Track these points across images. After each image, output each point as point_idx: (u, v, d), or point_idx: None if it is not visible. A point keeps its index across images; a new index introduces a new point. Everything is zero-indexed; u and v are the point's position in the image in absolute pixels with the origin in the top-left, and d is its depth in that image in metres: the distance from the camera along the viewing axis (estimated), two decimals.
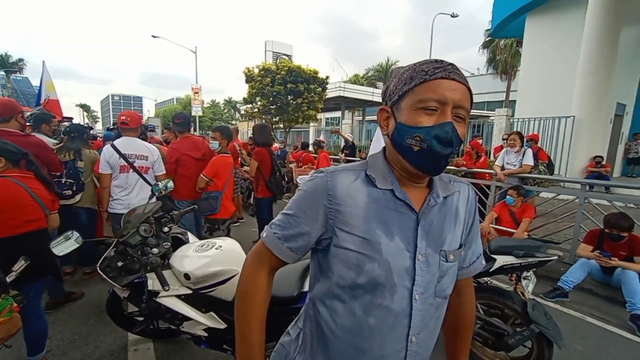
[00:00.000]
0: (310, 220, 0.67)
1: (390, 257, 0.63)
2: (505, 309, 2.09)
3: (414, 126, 0.61)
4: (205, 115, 38.09)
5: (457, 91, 0.60)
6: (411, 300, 0.65)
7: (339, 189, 0.65)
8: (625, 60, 8.94)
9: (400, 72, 0.67)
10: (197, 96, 18.52)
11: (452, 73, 0.60)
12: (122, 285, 1.68)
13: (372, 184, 0.66)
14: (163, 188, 2.30)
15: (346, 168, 0.70)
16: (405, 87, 0.62)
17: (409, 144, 0.62)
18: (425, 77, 0.60)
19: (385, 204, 0.65)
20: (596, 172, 7.75)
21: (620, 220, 2.87)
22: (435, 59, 0.64)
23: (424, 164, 0.62)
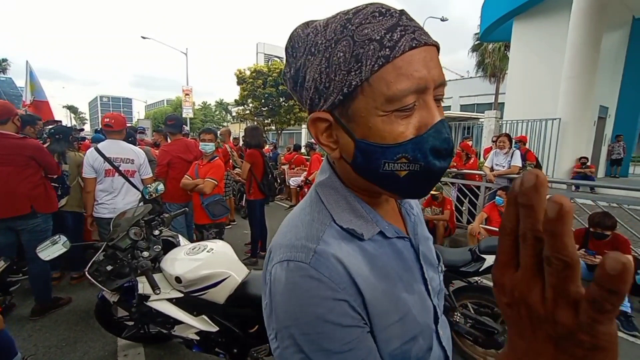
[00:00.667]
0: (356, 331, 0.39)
1: (424, 317, 0.47)
2: (495, 307, 2.13)
3: (392, 144, 0.38)
4: (197, 117, 37.76)
5: (434, 62, 0.38)
6: (440, 341, 0.51)
7: (340, 272, 0.40)
8: (607, 64, 9.24)
9: (322, 43, 0.39)
10: (188, 98, 18.36)
11: (417, 32, 0.38)
12: (111, 289, 1.66)
13: (357, 239, 0.44)
14: (153, 191, 2.28)
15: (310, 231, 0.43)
16: (352, 79, 0.38)
17: (390, 170, 0.39)
18: (385, 54, 0.36)
19: (383, 253, 0.45)
20: (581, 172, 7.96)
21: (604, 219, 2.96)
22: (374, 8, 0.38)
23: (416, 190, 0.42)
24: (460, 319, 2.18)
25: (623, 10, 9.80)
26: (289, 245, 0.42)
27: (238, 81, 15.25)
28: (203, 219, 3.05)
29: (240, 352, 1.68)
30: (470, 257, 2.13)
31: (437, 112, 0.39)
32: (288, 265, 0.40)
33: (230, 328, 1.65)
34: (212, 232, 3.07)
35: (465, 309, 2.21)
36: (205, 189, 2.90)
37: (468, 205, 4.88)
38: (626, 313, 2.66)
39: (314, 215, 0.45)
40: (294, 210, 0.51)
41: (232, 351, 1.70)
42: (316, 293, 0.38)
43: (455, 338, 2.24)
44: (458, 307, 2.19)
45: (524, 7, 9.70)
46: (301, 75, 0.42)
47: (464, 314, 2.18)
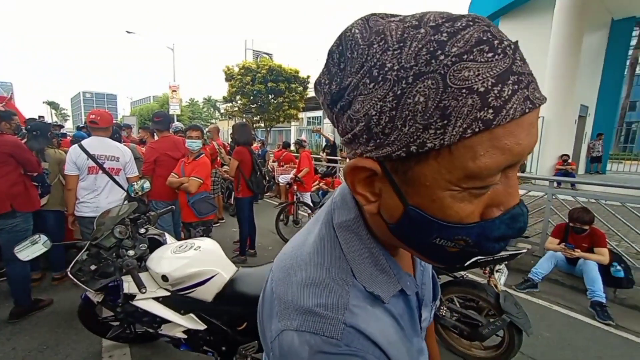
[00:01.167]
0: None
1: None
2: (479, 301, 2.19)
3: (455, 223, 0.30)
4: (184, 113, 37.10)
5: (535, 127, 0.29)
6: None
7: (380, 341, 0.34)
8: (587, 64, 9.54)
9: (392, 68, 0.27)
10: (175, 94, 18.03)
11: (531, 85, 0.27)
12: (95, 289, 1.62)
13: (381, 302, 0.37)
14: (139, 188, 2.24)
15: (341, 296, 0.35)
16: (429, 138, 0.27)
17: (441, 245, 0.32)
18: (487, 118, 0.25)
19: (403, 311, 0.41)
20: (563, 169, 8.23)
21: (582, 215, 3.07)
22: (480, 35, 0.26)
23: (455, 264, 0.36)
24: (446, 312, 2.23)
25: (602, 12, 10.13)
26: (306, 310, 0.34)
27: (226, 78, 15.07)
28: (190, 217, 3.02)
29: (228, 350, 1.67)
30: None
31: (518, 196, 0.31)
32: (310, 339, 0.32)
33: (218, 326, 1.64)
34: (199, 230, 3.04)
35: (451, 303, 2.26)
36: (190, 187, 2.86)
37: None
38: (601, 303, 2.78)
39: (332, 269, 0.37)
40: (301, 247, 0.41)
41: (221, 349, 1.69)
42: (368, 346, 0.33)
43: (441, 331, 2.29)
44: (444, 301, 2.24)
45: (509, 7, 9.90)
46: (347, 98, 0.31)
47: (450, 307, 2.23)
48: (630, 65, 16.14)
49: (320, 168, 7.54)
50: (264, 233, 4.69)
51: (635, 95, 20.45)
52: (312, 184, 5.60)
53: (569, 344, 2.42)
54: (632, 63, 16.38)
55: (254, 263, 3.67)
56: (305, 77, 15.43)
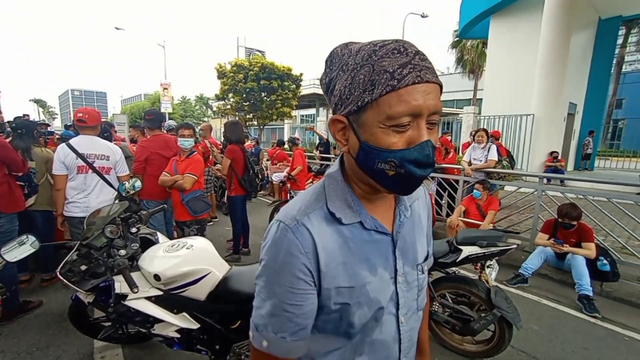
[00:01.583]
0: (302, 295, 0.54)
1: (377, 295, 0.58)
2: (471, 296, 2.22)
3: (385, 149, 0.49)
4: (176, 111, 36.60)
5: (432, 95, 0.48)
6: (398, 325, 0.62)
7: (309, 241, 0.54)
8: (576, 62, 9.70)
9: (351, 65, 0.51)
10: (167, 92, 17.82)
11: (423, 71, 0.47)
12: (86, 289, 1.60)
13: (338, 221, 0.56)
14: (130, 188, 2.22)
15: (306, 210, 0.57)
16: (366, 96, 0.48)
17: (382, 169, 0.50)
18: (393, 84, 0.46)
19: (359, 237, 0.57)
20: (552, 166, 8.37)
21: (571, 210, 3.14)
22: (396, 46, 0.48)
23: (400, 188, 0.53)
24: (439, 308, 2.26)
25: (590, 11, 10.30)
26: (286, 213, 0.58)
27: (218, 75, 14.89)
28: (183, 216, 2.99)
29: (222, 349, 1.67)
30: (447, 248, 2.21)
31: (425, 134, 0.49)
32: (279, 225, 0.56)
33: (211, 324, 1.63)
34: (193, 229, 3.02)
35: (443, 299, 2.29)
36: (185, 184, 2.84)
37: (447, 198, 5.02)
38: (588, 296, 2.85)
39: (314, 197, 0.59)
40: (307, 189, 0.65)
41: (214, 348, 1.68)
42: (288, 247, 0.54)
43: (434, 327, 2.32)
44: (437, 297, 2.27)
45: (500, 6, 9.98)
46: (332, 84, 0.55)
47: (442, 303, 2.26)
48: (617, 63, 16.49)
49: (314, 166, 7.54)
50: (258, 231, 4.68)
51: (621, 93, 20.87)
52: (305, 182, 5.59)
53: (557, 336, 2.48)
54: (618, 61, 16.75)
55: (248, 261, 3.66)
56: (298, 74, 15.34)
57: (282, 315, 0.54)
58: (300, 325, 0.55)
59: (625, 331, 2.57)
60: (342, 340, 0.59)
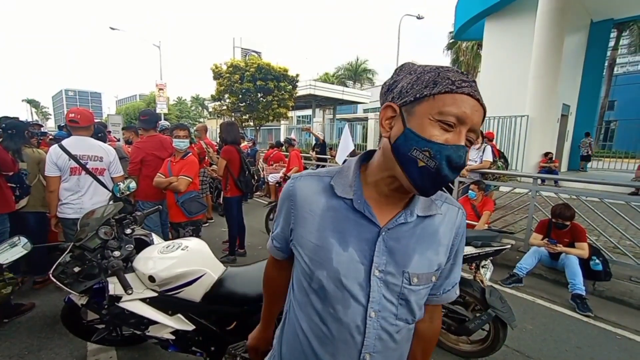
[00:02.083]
0: (283, 222, 0.74)
1: (340, 267, 0.62)
2: (466, 296, 2.23)
3: (427, 138, 0.54)
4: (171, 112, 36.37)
5: (478, 113, 0.56)
6: (366, 316, 0.63)
7: (298, 194, 0.69)
8: (569, 65, 9.82)
9: (419, 70, 0.59)
10: (162, 93, 17.71)
11: (476, 92, 0.55)
12: (79, 291, 1.58)
13: (332, 192, 0.66)
14: (125, 188, 2.19)
15: (311, 174, 0.72)
16: (426, 91, 0.55)
17: (415, 157, 0.55)
18: (452, 88, 0.54)
19: (344, 213, 0.64)
20: (546, 167, 8.46)
21: (564, 211, 3.17)
22: (459, 71, 0.58)
23: (423, 182, 0.57)
24: None
25: (582, 14, 10.44)
26: (302, 173, 0.75)
27: (214, 76, 14.82)
28: (179, 217, 2.97)
29: (217, 350, 1.66)
30: None
31: (463, 140, 0.56)
32: (293, 177, 0.74)
33: (207, 326, 1.62)
34: (188, 230, 3.00)
35: None
36: (179, 186, 2.82)
37: None
38: (581, 296, 2.88)
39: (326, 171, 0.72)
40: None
41: (210, 349, 1.67)
42: (286, 192, 0.73)
43: None
44: None
45: (495, 8, 10.08)
46: (395, 85, 0.62)
47: None
48: (609, 65, 16.70)
49: (310, 167, 7.54)
50: (254, 232, 4.67)
51: (613, 95, 21.16)
52: None
53: (551, 335, 2.50)
54: (610, 64, 16.96)
55: (244, 262, 3.65)
56: (294, 75, 15.33)
57: (274, 226, 0.79)
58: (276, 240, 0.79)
59: (617, 330, 2.60)
60: (314, 299, 0.67)
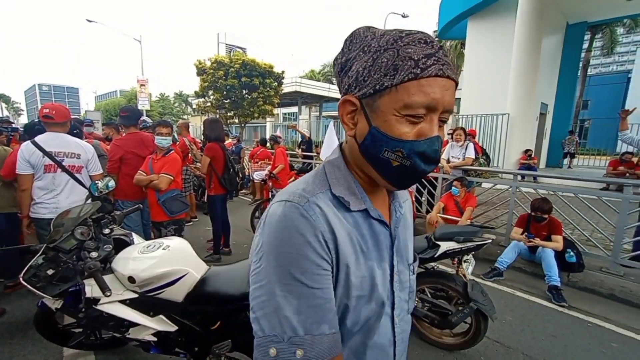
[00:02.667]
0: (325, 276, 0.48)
1: (382, 288, 0.55)
2: (449, 290, 2.28)
3: (397, 138, 0.48)
4: (154, 109, 35.41)
5: (450, 92, 0.48)
6: (393, 327, 0.59)
7: (322, 220, 0.50)
8: (547, 65, 10.18)
9: (374, 47, 0.49)
10: (144, 89, 17.17)
11: (446, 65, 0.46)
12: (53, 295, 1.51)
13: (344, 207, 0.54)
14: (103, 187, 2.11)
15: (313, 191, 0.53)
16: (386, 81, 0.46)
17: (387, 158, 0.49)
18: (416, 72, 0.45)
19: (363, 226, 0.55)
20: (526, 163, 8.76)
21: (542, 204, 3.30)
22: (422, 36, 0.48)
23: (400, 181, 0.52)
24: (419, 303, 2.31)
25: (559, 17, 10.82)
26: (290, 192, 0.53)
27: (198, 72, 14.54)
28: (160, 216, 2.90)
29: (201, 350, 1.64)
30: (426, 244, 2.26)
31: (437, 129, 0.49)
32: (285, 204, 0.50)
33: (190, 326, 1.59)
34: (170, 230, 2.93)
35: (422, 294, 2.34)
36: (160, 184, 2.75)
37: (427, 195, 5.14)
38: (557, 287, 3.01)
39: (317, 180, 0.56)
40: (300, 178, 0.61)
41: (193, 350, 1.64)
42: (302, 227, 0.48)
43: (414, 321, 2.37)
44: (416, 292, 2.32)
45: (477, 8, 10.30)
46: (349, 64, 0.52)
47: (422, 298, 2.31)
48: (583, 66, 17.39)
49: (296, 164, 7.51)
50: (239, 231, 4.62)
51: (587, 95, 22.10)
52: (287, 180, 5.56)
53: (529, 326, 2.60)
54: (584, 65, 17.66)
55: (229, 261, 3.60)
56: (279, 72, 15.21)
57: (316, 306, 0.46)
58: (334, 312, 0.48)
59: (589, 318, 2.73)
60: (355, 339, 0.54)
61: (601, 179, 6.66)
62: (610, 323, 2.65)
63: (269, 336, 0.45)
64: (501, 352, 2.27)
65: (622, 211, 3.29)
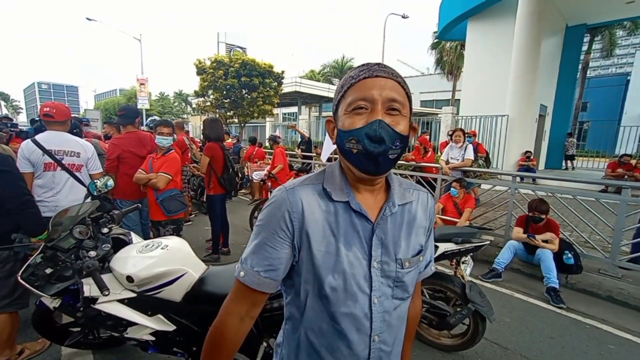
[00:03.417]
0: (273, 239, 0.68)
1: (348, 267, 0.67)
2: (447, 291, 2.29)
3: (349, 129, 0.63)
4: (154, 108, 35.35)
5: (384, 86, 0.62)
6: (371, 304, 0.69)
7: (298, 205, 0.67)
8: (546, 66, 10.19)
9: (338, 84, 0.70)
10: (144, 88, 17.18)
11: (376, 71, 0.63)
12: (51, 294, 1.51)
13: (329, 197, 0.68)
14: (102, 186, 2.11)
15: (304, 183, 0.71)
16: (338, 96, 0.67)
17: (349, 148, 0.63)
18: (352, 82, 0.64)
19: (343, 216, 0.68)
20: (525, 165, 8.77)
21: (540, 205, 3.32)
22: (363, 63, 0.67)
23: (364, 165, 0.64)
24: None
25: (558, 19, 10.84)
26: (290, 182, 0.73)
27: (198, 71, 14.49)
28: (158, 215, 2.89)
29: (199, 350, 1.63)
30: None
31: (379, 115, 0.61)
32: (281, 188, 0.71)
33: (188, 326, 1.59)
34: (169, 229, 2.93)
35: (421, 295, 2.34)
36: (158, 183, 2.75)
37: None
38: (555, 289, 3.01)
39: (315, 176, 0.74)
40: None
41: (191, 349, 1.65)
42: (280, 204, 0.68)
43: None
44: None
45: (477, 9, 10.32)
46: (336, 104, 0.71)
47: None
48: (582, 68, 17.43)
49: (296, 164, 7.51)
50: (238, 231, 4.62)
51: (586, 97, 22.13)
52: (286, 180, 5.55)
53: (527, 327, 2.61)
54: (583, 67, 17.70)
55: (228, 261, 3.60)
56: (279, 72, 15.19)
57: (261, 253, 0.68)
58: (273, 266, 0.68)
59: (586, 319, 2.74)
60: (325, 303, 0.68)
61: (600, 181, 6.70)
62: (608, 325, 2.66)
63: (241, 261, 0.71)
64: (499, 353, 2.28)
65: (620, 213, 3.30)
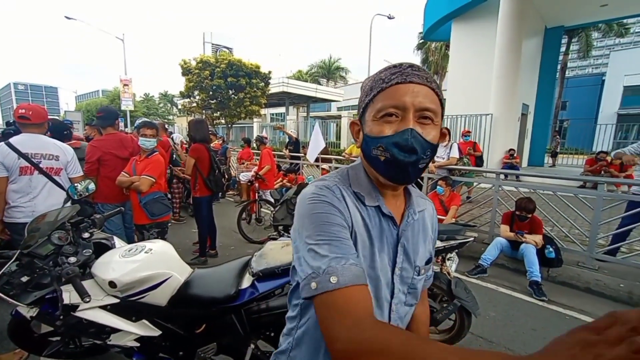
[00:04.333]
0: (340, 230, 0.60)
1: (381, 274, 0.66)
2: (434, 288, 2.32)
3: (377, 136, 0.61)
4: (138, 109, 34.53)
5: (418, 93, 0.59)
6: (390, 312, 0.69)
7: (343, 200, 0.64)
8: (527, 67, 10.50)
9: (365, 83, 0.67)
10: (127, 89, 16.77)
11: (410, 76, 0.60)
12: (28, 303, 1.46)
13: (361, 202, 0.66)
14: (83, 190, 2.05)
15: (338, 182, 0.66)
16: (366, 99, 0.64)
17: (375, 155, 0.62)
18: (383, 86, 0.61)
19: (375, 221, 0.66)
20: (509, 163, 9.00)
21: (527, 204, 3.41)
22: (394, 64, 0.63)
23: (391, 173, 0.62)
24: None
25: (537, 20, 11.19)
26: (320, 180, 0.68)
27: (183, 72, 14.26)
28: (142, 219, 2.83)
29: (186, 354, 1.61)
30: None
31: (410, 123, 0.59)
32: (317, 185, 0.65)
33: (174, 330, 1.57)
34: (153, 233, 2.87)
35: None
36: (141, 186, 2.69)
37: None
38: (537, 282, 3.11)
39: (340, 178, 0.69)
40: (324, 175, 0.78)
41: (178, 354, 1.62)
42: (330, 198, 0.62)
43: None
44: None
45: (461, 10, 10.54)
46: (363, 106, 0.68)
47: None
48: (561, 69, 18.06)
49: (284, 165, 7.49)
50: (226, 232, 4.57)
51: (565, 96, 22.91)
52: (274, 181, 5.54)
53: (511, 320, 2.68)
54: (562, 67, 18.35)
55: (215, 263, 3.55)
56: (266, 72, 15.11)
57: (341, 247, 0.57)
58: (355, 254, 0.59)
59: (566, 311, 2.84)
60: None
61: (578, 177, 6.94)
62: (586, 315, 2.76)
63: (308, 275, 0.56)
64: (484, 347, 2.33)
65: (597, 208, 3.43)
